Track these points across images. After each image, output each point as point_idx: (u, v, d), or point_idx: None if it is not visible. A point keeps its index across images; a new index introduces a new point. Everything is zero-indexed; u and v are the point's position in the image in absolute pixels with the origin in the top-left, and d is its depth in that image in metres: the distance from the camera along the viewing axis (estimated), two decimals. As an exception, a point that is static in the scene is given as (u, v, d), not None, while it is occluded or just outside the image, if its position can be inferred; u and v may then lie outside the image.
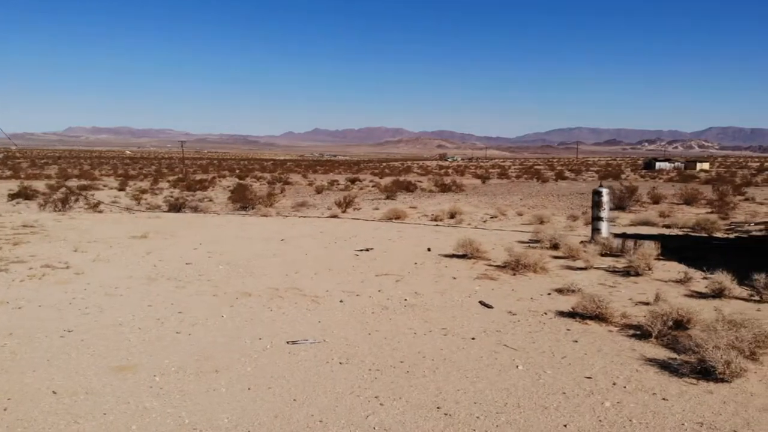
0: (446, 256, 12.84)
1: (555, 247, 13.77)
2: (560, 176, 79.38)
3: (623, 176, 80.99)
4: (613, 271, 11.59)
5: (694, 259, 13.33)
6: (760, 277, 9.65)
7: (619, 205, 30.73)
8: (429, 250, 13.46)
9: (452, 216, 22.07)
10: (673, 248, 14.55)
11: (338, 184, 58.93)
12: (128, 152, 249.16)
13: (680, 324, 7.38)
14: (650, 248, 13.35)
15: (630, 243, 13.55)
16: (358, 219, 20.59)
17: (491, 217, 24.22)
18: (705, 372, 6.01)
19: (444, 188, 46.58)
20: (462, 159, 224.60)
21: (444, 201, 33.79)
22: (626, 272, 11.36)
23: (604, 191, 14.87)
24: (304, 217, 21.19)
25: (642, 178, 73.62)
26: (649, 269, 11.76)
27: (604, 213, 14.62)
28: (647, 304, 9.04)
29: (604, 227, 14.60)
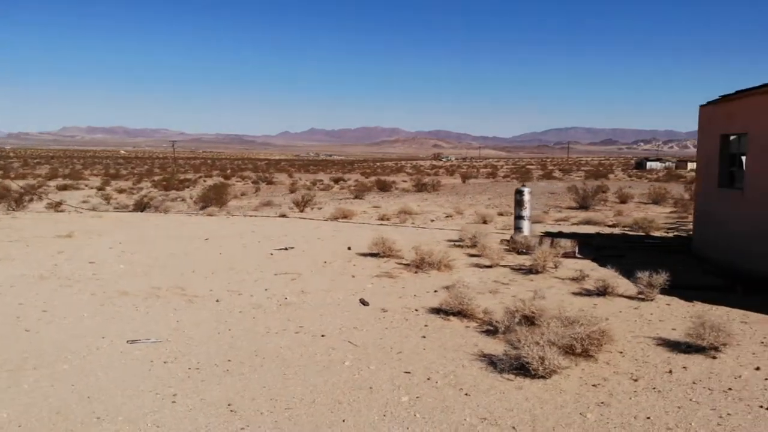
0: (362, 254, 12.86)
1: (475, 245, 13.80)
2: (548, 176, 79.49)
3: (612, 176, 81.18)
4: (518, 269, 11.63)
5: (611, 258, 13.37)
6: (643, 276, 9.70)
7: (582, 205, 30.78)
8: (349, 248, 13.48)
9: (405, 215, 22.12)
10: (597, 247, 14.61)
11: (322, 184, 59.02)
12: (123, 152, 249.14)
13: (531, 320, 7.41)
14: (566, 246, 13.44)
15: (547, 241, 13.60)
16: (306, 218, 20.62)
17: (447, 216, 24.29)
18: (522, 368, 6.05)
19: (420, 188, 46.59)
20: (456, 159, 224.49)
21: (411, 200, 33.80)
22: (529, 270, 11.40)
23: (526, 190, 14.90)
24: (253, 216, 21.21)
25: (629, 178, 73.71)
26: (555, 267, 11.83)
27: (526, 212, 14.65)
28: (531, 301, 9.08)
29: (526, 226, 14.63)
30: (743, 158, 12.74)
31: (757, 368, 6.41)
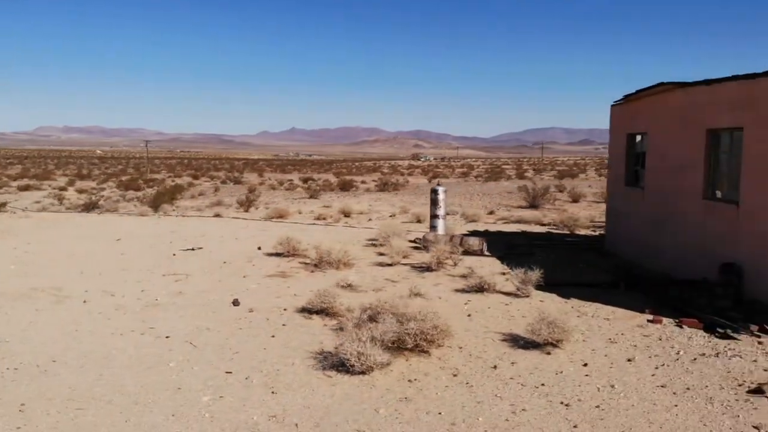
0: (269, 254, 12.84)
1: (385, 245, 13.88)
2: (521, 176, 79.91)
3: (583, 175, 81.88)
4: (417, 267, 11.69)
5: (519, 256, 13.52)
6: (518, 272, 9.82)
7: (532, 204, 31.04)
8: (259, 248, 13.45)
9: (345, 215, 22.13)
10: (510, 245, 14.75)
11: (290, 184, 58.67)
12: (99, 152, 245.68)
13: (374, 318, 7.45)
14: (474, 244, 13.56)
15: (457, 240, 13.71)
16: (240, 218, 20.52)
17: (390, 216, 24.32)
18: (343, 365, 6.09)
19: (382, 188, 46.58)
20: (435, 159, 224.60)
21: (365, 200, 33.77)
22: (426, 268, 11.48)
23: (440, 190, 15.01)
24: (188, 217, 21.04)
25: (600, 177, 74.52)
26: (455, 265, 11.94)
27: (440, 211, 14.74)
28: (406, 297, 9.13)
29: (441, 225, 14.72)
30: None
31: (585, 364, 6.53)
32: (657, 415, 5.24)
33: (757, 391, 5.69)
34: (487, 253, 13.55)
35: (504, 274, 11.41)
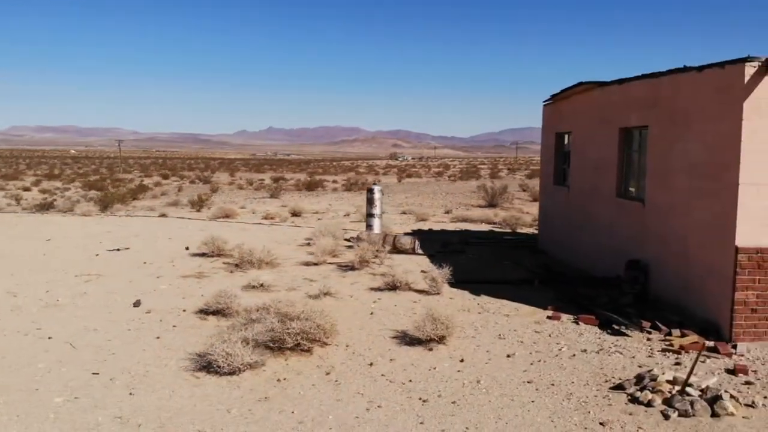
0: (195, 255, 12.71)
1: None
2: (494, 175, 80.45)
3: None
4: (343, 266, 11.67)
5: (451, 254, 13.60)
6: (436, 271, 9.87)
7: (491, 203, 31.23)
8: (187, 248, 13.31)
9: (296, 214, 22.05)
10: (444, 243, 14.82)
11: (261, 183, 58.28)
12: (73, 152, 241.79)
13: (284, 317, 7.41)
14: (406, 243, 13.59)
15: (390, 238, 13.74)
16: (185, 218, 20.31)
17: (345, 215, 24.29)
18: (211, 365, 6.04)
19: (348, 187, 46.49)
20: (412, 159, 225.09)
21: (326, 200, 33.70)
22: (351, 267, 11.46)
23: (376, 189, 15.04)
24: (133, 217, 20.76)
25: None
26: (382, 263, 11.97)
27: (376, 210, 14.76)
28: (316, 297, 9.12)
29: (377, 223, 14.74)
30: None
31: (462, 360, 6.58)
32: (509, 410, 5.30)
33: (619, 387, 5.78)
34: (419, 251, 13.59)
35: (425, 272, 11.46)
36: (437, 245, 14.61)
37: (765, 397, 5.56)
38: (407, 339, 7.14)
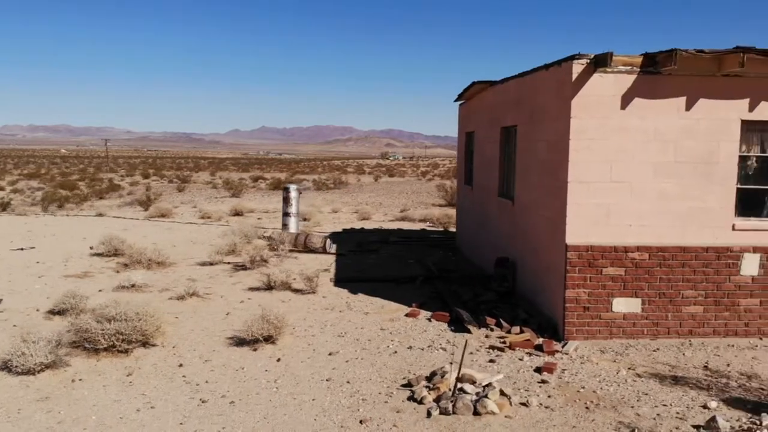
0: (95, 254, 12.68)
1: (247, 241, 13.83)
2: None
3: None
4: (238, 266, 11.64)
5: (363, 252, 13.63)
6: (314, 271, 9.88)
7: (450, 202, 31.30)
8: (91, 248, 13.26)
9: (237, 214, 22.01)
10: (359, 243, 14.84)
11: (240, 181, 58.16)
12: (63, 151, 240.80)
13: (113, 318, 7.40)
14: (317, 242, 13.58)
15: (302, 237, 13.74)
16: (120, 218, 20.28)
17: (308, 220, 24.32)
18: (5, 364, 6.03)
19: (318, 186, 46.46)
20: (403, 158, 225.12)
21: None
22: (244, 267, 11.45)
23: (292, 188, 15.04)
24: (70, 216, 20.73)
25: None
26: (281, 262, 11.98)
27: (292, 209, 14.77)
28: (181, 297, 9.11)
29: (292, 222, 14.74)
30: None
31: (278, 360, 6.58)
32: (282, 410, 5.31)
33: (407, 385, 5.79)
34: (330, 250, 13.59)
35: (323, 271, 11.48)
36: (353, 244, 14.63)
37: (549, 397, 5.59)
38: (239, 339, 7.14)
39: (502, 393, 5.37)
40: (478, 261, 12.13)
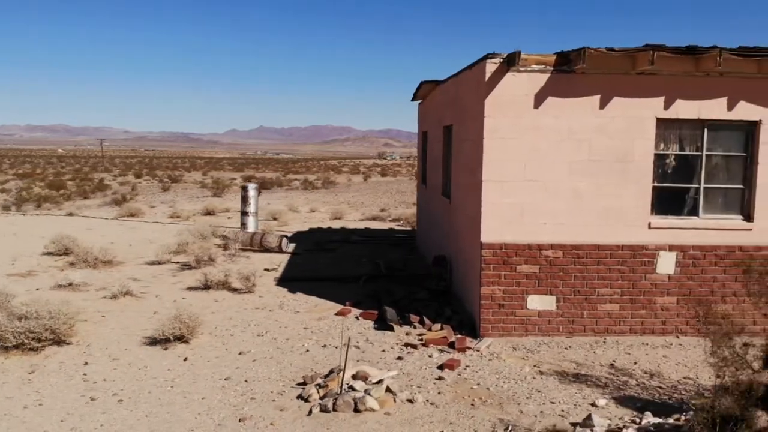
0: (47, 254, 12.69)
1: (204, 241, 13.84)
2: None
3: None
4: (185, 265, 11.65)
5: (319, 252, 13.65)
6: (255, 271, 9.89)
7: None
8: (45, 247, 13.26)
9: (208, 213, 22.04)
10: (322, 241, 14.87)
11: (232, 181, 58.18)
12: (61, 151, 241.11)
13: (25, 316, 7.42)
14: (273, 241, 13.59)
15: (258, 237, 13.75)
16: (89, 217, 20.31)
17: (276, 220, 24.32)
18: None
19: (306, 186, 46.50)
20: (400, 158, 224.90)
21: (274, 199, 33.70)
22: (190, 266, 11.46)
23: (250, 187, 15.04)
24: (40, 215, 20.77)
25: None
26: (232, 261, 12.00)
27: (251, 208, 14.77)
28: (114, 297, 9.11)
29: (251, 222, 14.75)
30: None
31: (186, 359, 6.59)
32: (168, 408, 5.33)
33: (302, 384, 5.80)
34: (287, 250, 13.61)
35: (268, 270, 11.50)
36: (312, 244, 14.65)
37: (439, 394, 5.62)
38: (154, 339, 7.15)
39: (388, 390, 5.39)
40: (430, 259, 12.14)
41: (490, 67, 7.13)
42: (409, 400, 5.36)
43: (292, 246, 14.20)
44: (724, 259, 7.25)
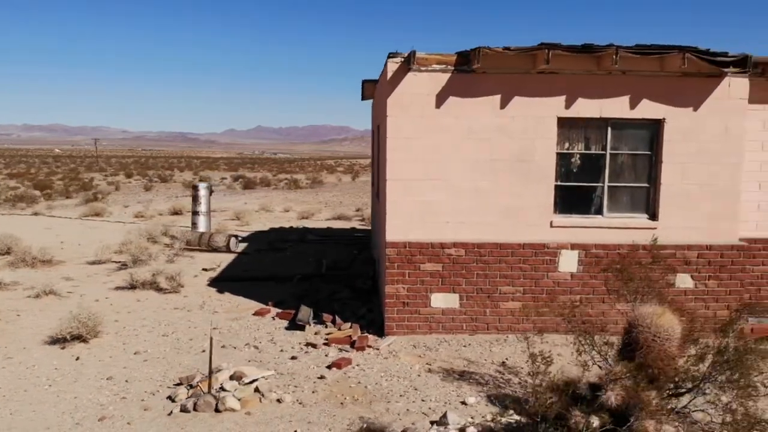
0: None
1: (153, 241, 13.86)
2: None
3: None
4: (124, 264, 11.65)
5: (269, 251, 13.64)
6: (192, 271, 9.88)
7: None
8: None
9: (175, 213, 22.05)
10: (275, 241, 14.87)
11: (221, 180, 58.17)
12: (57, 150, 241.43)
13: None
14: (220, 240, 13.59)
15: (206, 237, 13.74)
16: (53, 216, 20.31)
17: (239, 219, 24.31)
18: None
19: (291, 185, 46.50)
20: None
21: (253, 198, 33.72)
22: (126, 265, 11.46)
23: (201, 186, 15.04)
24: (6, 215, 20.78)
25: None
26: (172, 261, 12.00)
27: (201, 207, 14.76)
28: (37, 296, 9.11)
29: (201, 221, 14.74)
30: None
31: (77, 358, 6.59)
32: (38, 406, 5.35)
33: (179, 384, 5.79)
34: (235, 249, 13.62)
35: (206, 270, 11.49)
36: (265, 243, 14.65)
37: (313, 393, 5.62)
38: (55, 338, 7.14)
39: (256, 390, 5.39)
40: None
41: (392, 66, 7.13)
42: (278, 400, 5.36)
43: (242, 246, 14.21)
44: (627, 258, 7.25)
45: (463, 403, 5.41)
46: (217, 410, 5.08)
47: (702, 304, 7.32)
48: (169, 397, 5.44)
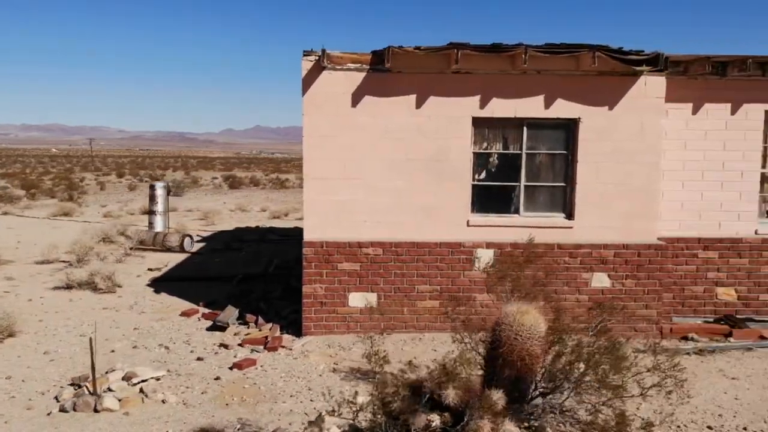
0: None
1: (109, 241, 13.85)
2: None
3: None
4: (69, 264, 11.62)
5: (225, 251, 13.64)
6: (136, 271, 9.85)
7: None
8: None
9: (146, 213, 21.97)
10: (231, 241, 14.85)
11: (212, 180, 58.15)
12: (54, 150, 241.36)
13: None
14: (174, 240, 13.56)
15: (160, 236, 13.72)
16: (22, 216, 20.29)
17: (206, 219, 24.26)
18: None
19: (276, 184, 46.48)
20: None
21: (231, 198, 33.67)
22: (71, 265, 11.44)
23: (158, 186, 15.02)
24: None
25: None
26: (120, 261, 11.98)
27: (158, 207, 14.73)
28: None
29: (158, 221, 14.71)
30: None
31: None
32: None
33: (71, 384, 5.76)
34: (189, 249, 13.60)
35: (151, 270, 11.47)
36: (221, 243, 14.64)
37: (203, 393, 5.60)
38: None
39: (141, 390, 5.37)
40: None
41: (306, 64, 7.11)
42: (163, 401, 5.34)
43: (198, 245, 14.19)
44: (543, 257, 7.24)
45: (352, 402, 5.39)
46: (95, 410, 5.06)
47: (619, 303, 7.30)
48: (56, 398, 5.42)
